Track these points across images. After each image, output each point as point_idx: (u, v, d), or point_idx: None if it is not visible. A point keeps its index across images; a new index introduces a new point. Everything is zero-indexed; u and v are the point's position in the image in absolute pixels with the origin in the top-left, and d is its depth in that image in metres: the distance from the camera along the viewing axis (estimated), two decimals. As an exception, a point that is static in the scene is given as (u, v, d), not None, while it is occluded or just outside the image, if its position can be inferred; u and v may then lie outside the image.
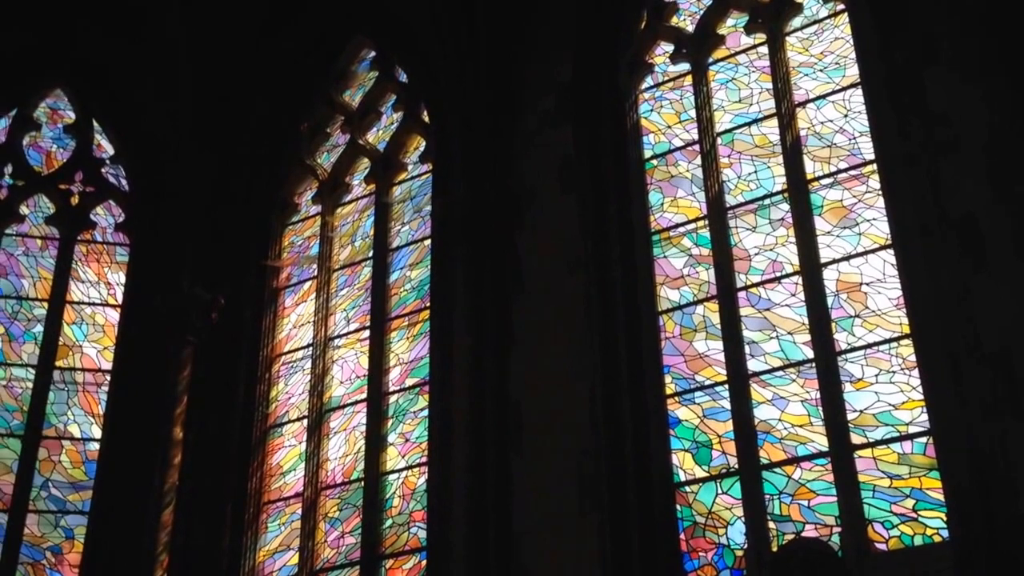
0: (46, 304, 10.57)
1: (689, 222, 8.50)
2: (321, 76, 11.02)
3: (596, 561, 7.37)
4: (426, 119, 10.33)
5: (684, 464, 7.68)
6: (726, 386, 7.74)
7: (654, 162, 8.90)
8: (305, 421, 9.69)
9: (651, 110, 9.17)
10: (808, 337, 7.59)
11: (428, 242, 9.75)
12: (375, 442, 9.16)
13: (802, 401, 7.46)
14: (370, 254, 10.17)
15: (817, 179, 8.09)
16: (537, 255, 8.71)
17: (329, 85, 11.01)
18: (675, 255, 8.45)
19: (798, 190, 8.08)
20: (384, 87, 10.84)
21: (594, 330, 8.11)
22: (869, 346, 7.36)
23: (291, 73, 11.01)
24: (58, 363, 10.33)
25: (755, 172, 8.44)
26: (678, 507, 7.55)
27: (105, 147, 11.35)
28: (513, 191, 9.02)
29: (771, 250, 8.09)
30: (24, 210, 10.97)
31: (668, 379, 7.98)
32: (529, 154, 9.16)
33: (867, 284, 7.58)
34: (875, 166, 7.86)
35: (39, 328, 10.45)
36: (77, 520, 9.79)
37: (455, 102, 9.59)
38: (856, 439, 7.11)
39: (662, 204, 8.69)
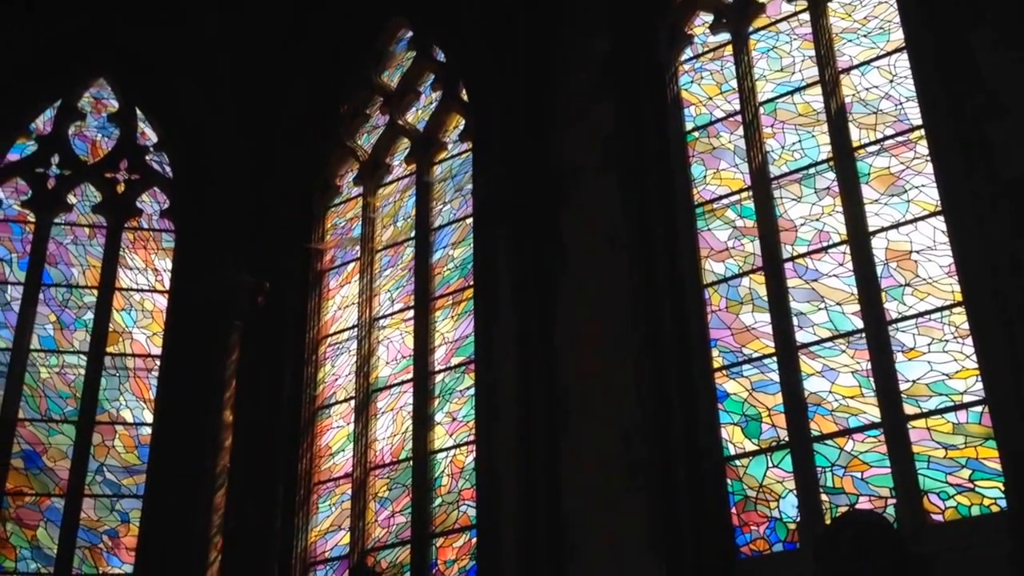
0: (96, 291, 10.73)
1: (733, 194, 8.41)
2: (359, 58, 11.02)
3: (646, 537, 7.36)
4: (465, 97, 10.30)
5: (733, 438, 7.63)
6: (774, 358, 7.66)
7: (696, 134, 8.79)
8: (352, 402, 9.76)
9: (691, 82, 9.05)
10: (857, 307, 7.49)
11: (470, 221, 9.74)
12: (422, 421, 9.21)
13: (852, 372, 7.37)
14: (412, 234, 10.19)
15: (863, 146, 7.95)
16: (580, 231, 8.66)
17: (367, 66, 11.01)
18: (719, 228, 8.36)
19: (844, 158, 7.95)
20: (422, 67, 10.82)
21: (639, 306, 8.06)
22: (920, 315, 7.24)
23: (329, 56, 11.02)
24: (109, 349, 10.50)
25: (799, 141, 8.31)
26: (728, 481, 7.51)
27: (149, 135, 11.46)
28: (554, 168, 8.96)
29: (817, 220, 7.98)
30: (72, 199, 11.14)
31: (715, 353, 7.92)
32: (569, 130, 9.09)
33: (917, 252, 7.45)
34: (923, 131, 7.71)
35: (89, 315, 10.62)
36: (132, 504, 9.96)
37: (493, 80, 9.55)
38: (909, 409, 7.01)
39: (705, 177, 8.60)
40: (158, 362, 10.50)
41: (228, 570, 9.18)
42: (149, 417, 10.30)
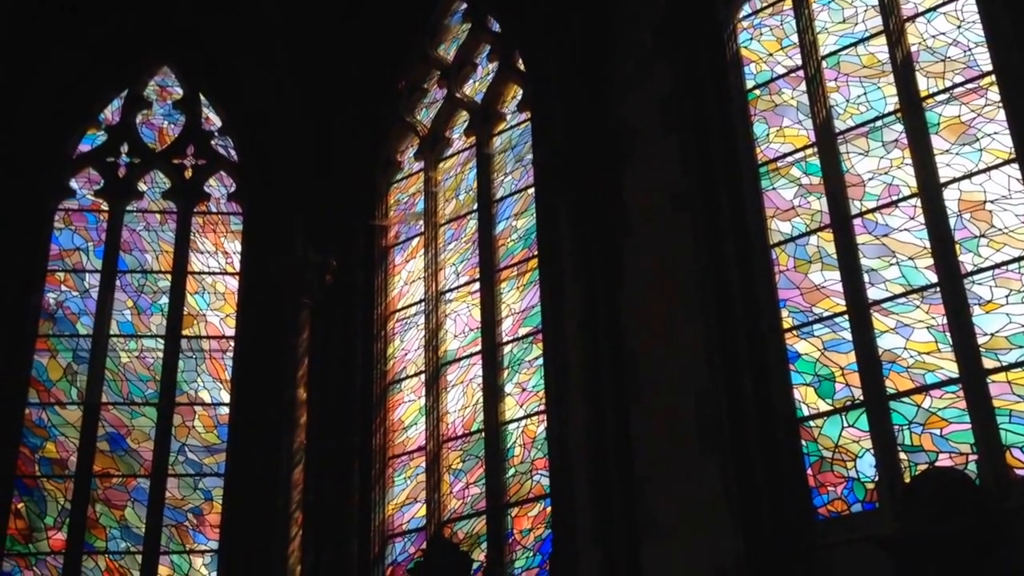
0: (169, 276, 10.99)
1: (797, 151, 8.25)
2: (415, 32, 11.04)
3: (721, 501, 7.32)
4: (521, 67, 10.26)
5: (806, 398, 7.53)
6: (846, 317, 7.53)
7: (757, 92, 8.63)
8: (423, 376, 9.86)
9: (751, 39, 8.87)
10: (931, 261, 7.31)
11: (531, 191, 9.73)
12: (493, 393, 9.26)
13: (928, 327, 7.20)
14: (475, 206, 10.21)
15: (931, 96, 7.73)
16: (642, 196, 8.58)
17: (423, 41, 11.03)
18: (784, 186, 8.21)
19: (912, 109, 7.73)
20: (478, 38, 10.79)
21: (705, 268, 7.98)
22: (997, 266, 7.04)
23: (385, 32, 11.05)
24: (185, 332, 10.76)
25: (864, 94, 8.11)
26: (803, 442, 7.42)
27: (213, 120, 11.67)
28: (614, 133, 8.88)
29: (886, 173, 7.79)
30: (142, 186, 11.39)
31: (784, 313, 7.80)
32: (628, 94, 9.00)
33: (991, 202, 7.24)
34: (993, 77, 7.46)
35: (165, 300, 10.89)
36: (214, 482, 10.23)
37: (550, 47, 9.47)
38: (988, 363, 6.83)
39: (767, 135, 8.45)
40: (232, 343, 10.74)
41: (309, 544, 9.38)
42: (226, 397, 10.55)
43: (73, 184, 11.24)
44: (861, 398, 7.29)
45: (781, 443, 7.41)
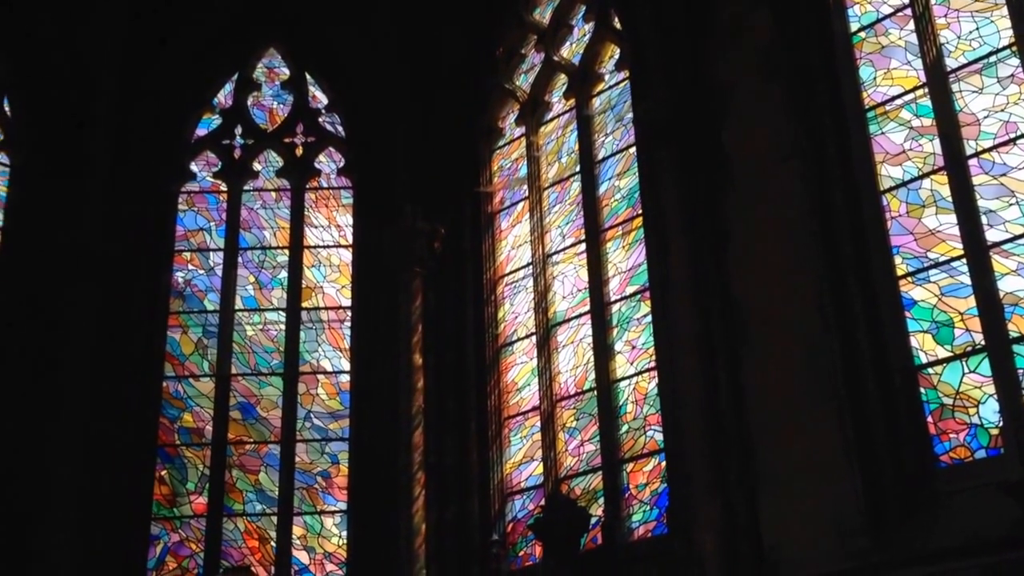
0: (287, 251, 11.42)
1: (906, 93, 8.02)
2: (510, -2, 11.09)
3: (839, 452, 7.28)
4: (618, 26, 10.21)
5: (924, 345, 7.39)
6: (964, 261, 7.35)
7: (862, 35, 8.41)
8: (534, 338, 10.03)
9: (854, -21, 8.64)
10: (1053, 199, 7.07)
11: (633, 149, 9.73)
12: (603, 351, 9.37)
13: (1051, 267, 6.99)
14: (577, 168, 10.27)
15: (1050, 26, 7.41)
16: (746, 147, 8.49)
17: (519, 5, 11.07)
18: (894, 130, 8.01)
19: (1028, 41, 7.43)
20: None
21: (814, 218, 7.87)
22: (1124, 200, 6.76)
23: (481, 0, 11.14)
24: (304, 304, 11.19)
25: (977, 29, 7.82)
26: (922, 390, 7.30)
27: (320, 98, 11.99)
28: (714, 85, 8.79)
29: (1002, 111, 7.52)
30: (257, 166, 11.83)
31: (898, 260, 7.65)
32: (727, 45, 8.87)
33: (1116, 134, 6.94)
34: (1115, 2, 7.11)
35: (284, 274, 11.34)
36: (339, 446, 10.67)
37: (646, 3, 9.40)
38: (1115, 302, 6.60)
39: (874, 78, 8.23)
40: (349, 313, 11.12)
41: (432, 503, 9.71)
42: (346, 365, 10.94)
43: (193, 167, 11.74)
44: (982, 343, 7.12)
45: (899, 391, 7.32)
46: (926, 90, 7.89)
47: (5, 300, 10.36)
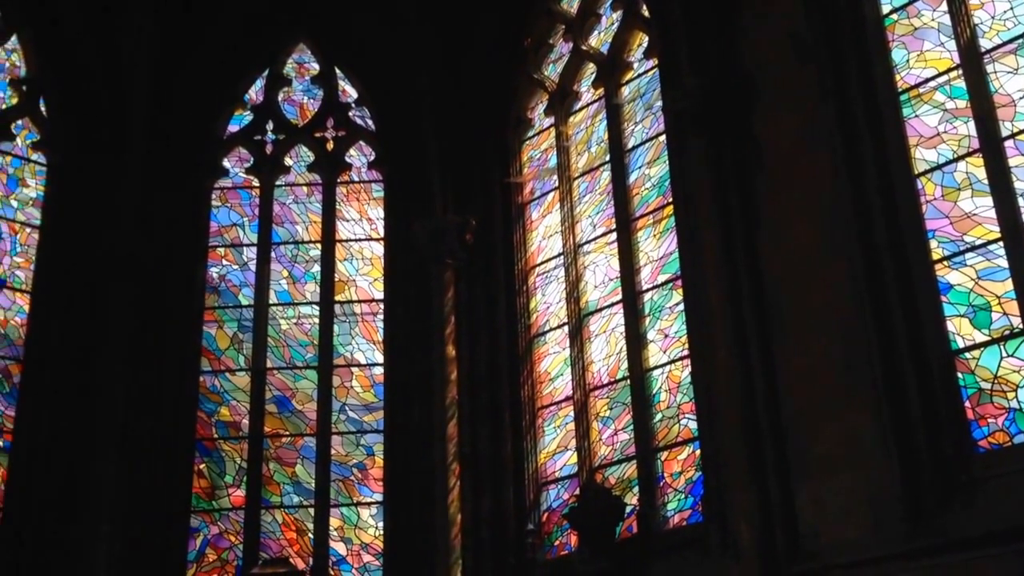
0: (319, 245, 11.51)
1: (940, 75, 7.92)
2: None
3: (876, 438, 7.22)
4: (646, 13, 10.18)
5: (961, 330, 7.30)
6: (1000, 243, 7.25)
7: (894, 17, 8.30)
8: (566, 328, 10.04)
9: (884, -39, 8.54)
10: (1091, 179, 6.95)
11: (663, 138, 9.70)
12: (635, 340, 9.36)
13: (1090, 249, 6.87)
14: (607, 158, 10.25)
15: (1086, 4, 7.29)
16: (777, 134, 8.42)
17: (546, -6, 11.07)
18: (928, 112, 7.92)
19: (1064, 20, 7.32)
20: (600, -13, 10.77)
21: (847, 202, 7.80)
22: None
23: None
24: (337, 298, 11.28)
25: (1011, 8, 7.69)
26: (960, 375, 7.22)
27: (349, 92, 12.06)
28: (744, 72, 8.74)
29: (1039, 91, 7.42)
30: (288, 161, 11.93)
31: (934, 244, 7.56)
32: (757, 29, 8.80)
33: None
34: None
35: (316, 268, 11.43)
36: (375, 438, 10.75)
37: (674, -10, 9.36)
38: None
39: (907, 60, 8.13)
40: (382, 305, 11.19)
41: (467, 494, 9.76)
42: (380, 357, 11.02)
43: (226, 163, 11.86)
44: (1020, 326, 7.03)
45: (936, 376, 7.24)
46: (960, 72, 7.78)
47: (44, 298, 10.53)
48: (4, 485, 9.85)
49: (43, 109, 11.24)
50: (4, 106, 11.10)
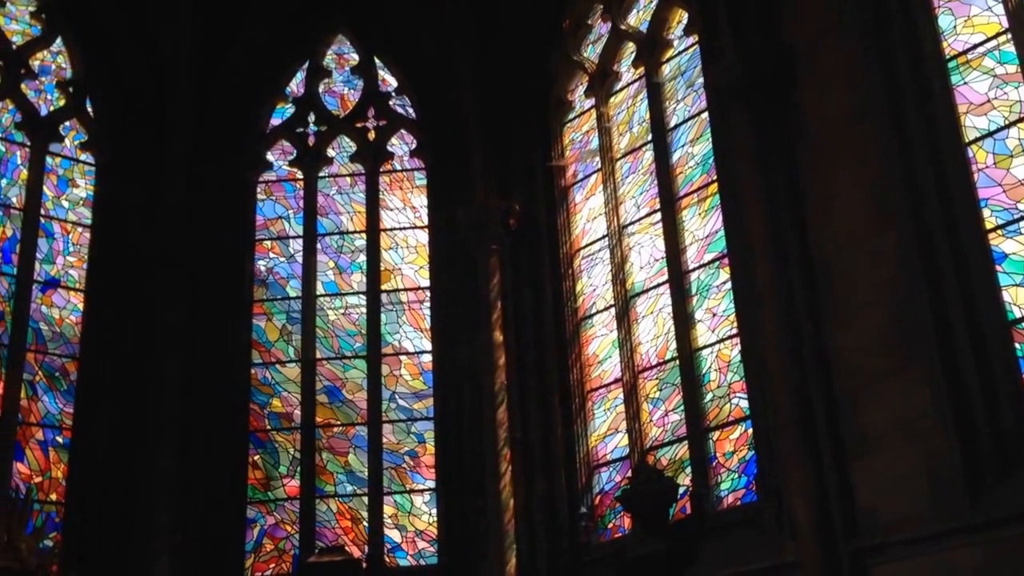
0: (364, 235, 11.58)
1: (988, 40, 7.74)
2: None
3: (933, 412, 7.12)
4: (685, -11, 10.07)
5: (1017, 300, 7.17)
6: (1057, 209, 7.10)
7: (939, -19, 8.14)
8: (613, 310, 10.00)
9: (928, -75, 8.34)
10: None
11: (705, 115, 9.60)
12: (683, 320, 9.30)
13: None
14: (649, 137, 10.17)
15: None
16: (821, 107, 8.29)
17: (584, -25, 10.98)
18: (977, 79, 7.74)
19: (1118, -23, 7.10)
20: (637, -34, 10.67)
21: (896, 174, 7.67)
22: None
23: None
24: (383, 287, 11.34)
25: (1061, -32, 7.51)
26: (1017, 345, 7.08)
27: (389, 81, 12.09)
28: (786, 44, 8.61)
29: (1092, 52, 7.22)
30: (330, 152, 12.00)
31: (987, 213, 7.41)
32: (798, 1, 8.67)
33: None
34: None
35: (362, 258, 11.51)
36: (425, 426, 10.81)
37: (713, -36, 9.24)
38: None
39: (954, 27, 7.96)
40: (428, 293, 11.23)
41: (519, 478, 9.78)
42: (428, 345, 11.07)
43: (269, 156, 11.96)
44: (1082, 293, 6.88)
45: (992, 348, 7.10)
46: (1009, 36, 7.60)
47: (97, 296, 10.71)
48: (65, 481, 10.07)
49: (89, 110, 11.41)
50: (52, 108, 11.28)
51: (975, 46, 7.80)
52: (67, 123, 11.32)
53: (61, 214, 11.02)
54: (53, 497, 9.99)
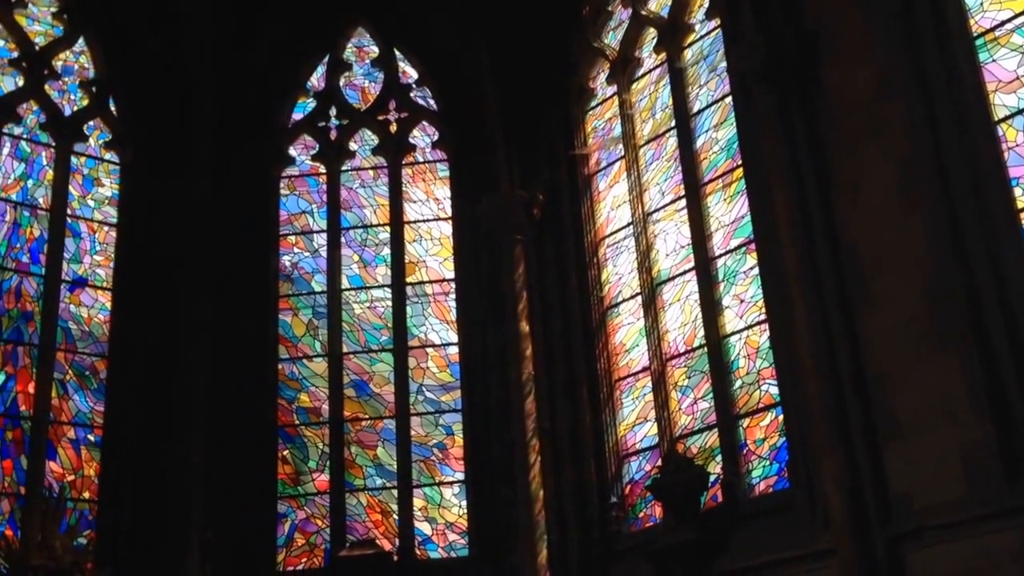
0: (388, 228, 11.57)
1: (1017, 16, 7.60)
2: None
3: (967, 395, 7.02)
4: (706, -28, 9.96)
5: (1050, 279, 7.06)
6: (1092, 187, 6.96)
7: (967, -43, 7.99)
8: (639, 298, 9.94)
9: (954, -101, 8.18)
10: None
11: (729, 99, 9.50)
12: (711, 307, 9.23)
13: None
14: (673, 123, 10.09)
15: None
16: (847, 88, 8.17)
17: (602, -39, 10.89)
18: (1006, 56, 7.61)
19: None
20: (657, -50, 10.56)
21: (924, 155, 7.55)
22: None
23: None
24: (408, 280, 11.33)
25: (1091, -61, 7.35)
26: (1050, 326, 6.98)
27: (410, 72, 12.05)
28: (810, 24, 8.49)
29: (1124, 25, 7.06)
30: (353, 146, 11.99)
31: (1018, 192, 7.30)
32: (823, -20, 8.56)
33: None
34: None
35: (386, 251, 11.50)
36: (453, 418, 10.81)
37: (733, -53, 9.13)
38: None
39: (981, 3, 7.82)
40: (453, 285, 11.21)
41: (549, 469, 9.76)
42: (454, 337, 11.05)
43: (292, 151, 11.96)
44: (1115, 273, 6.74)
45: (1027, 331, 6.99)
46: (1039, 10, 7.46)
47: (124, 295, 10.77)
48: (98, 479, 10.15)
49: (113, 109, 11.46)
50: (76, 108, 11.33)
51: (1003, 23, 7.66)
52: (91, 123, 11.37)
53: (87, 213, 11.09)
54: (86, 495, 10.08)
